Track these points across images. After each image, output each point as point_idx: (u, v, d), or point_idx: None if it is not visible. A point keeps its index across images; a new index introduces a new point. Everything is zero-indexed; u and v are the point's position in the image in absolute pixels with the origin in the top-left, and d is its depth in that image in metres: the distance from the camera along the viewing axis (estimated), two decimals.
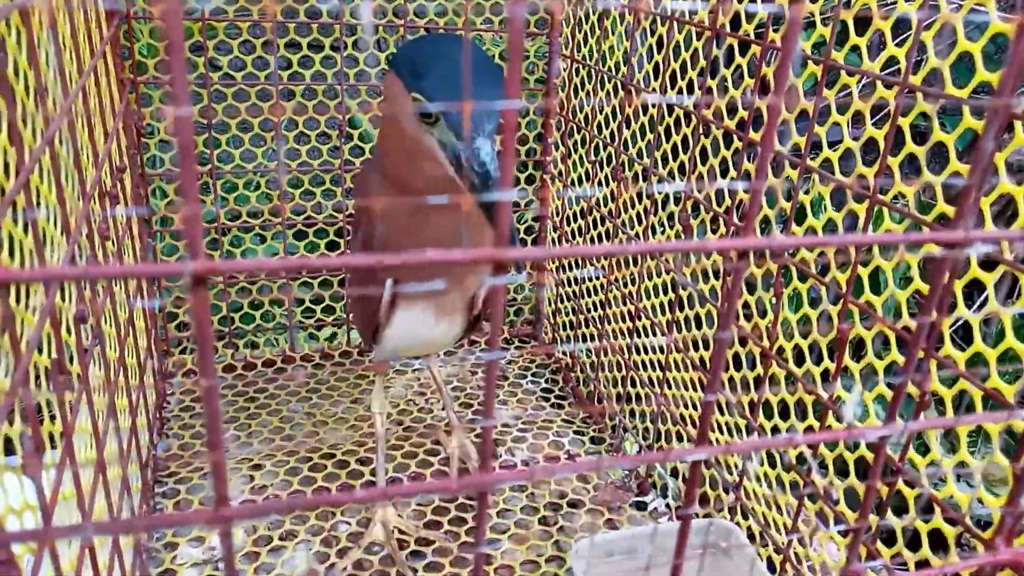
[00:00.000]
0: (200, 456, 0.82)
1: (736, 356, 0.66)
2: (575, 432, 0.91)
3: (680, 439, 0.79)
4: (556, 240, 1.04)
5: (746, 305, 0.64)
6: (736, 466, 0.68)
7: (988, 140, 0.20)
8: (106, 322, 0.63)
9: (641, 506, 0.81)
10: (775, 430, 0.62)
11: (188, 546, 0.71)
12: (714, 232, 0.76)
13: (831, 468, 0.55)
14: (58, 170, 0.44)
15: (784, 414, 0.62)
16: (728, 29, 0.63)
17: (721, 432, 0.71)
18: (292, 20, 0.87)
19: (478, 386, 0.99)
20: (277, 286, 0.98)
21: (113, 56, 0.80)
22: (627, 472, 0.84)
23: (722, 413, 0.70)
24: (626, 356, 0.84)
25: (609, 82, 0.84)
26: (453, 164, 0.46)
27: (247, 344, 1.00)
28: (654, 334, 0.80)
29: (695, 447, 0.24)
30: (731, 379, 0.67)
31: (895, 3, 0.47)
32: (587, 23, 0.88)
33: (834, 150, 0.53)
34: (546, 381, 1.01)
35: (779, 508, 0.62)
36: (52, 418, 0.47)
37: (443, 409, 0.91)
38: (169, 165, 0.89)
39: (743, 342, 0.64)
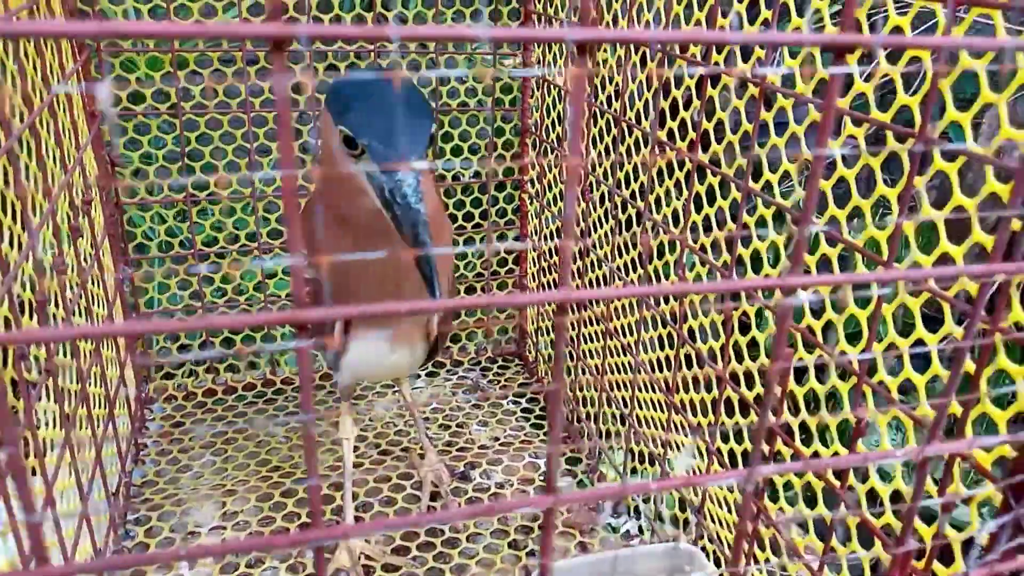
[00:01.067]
0: (175, 483, 0.83)
1: (695, 378, 0.66)
2: None
3: (652, 462, 0.78)
4: (536, 259, 1.04)
5: (701, 328, 0.63)
6: (698, 489, 0.67)
7: (810, 194, 0.20)
8: (65, 354, 0.64)
9: (614, 528, 0.80)
10: (731, 454, 0.61)
11: (156, 574, 0.72)
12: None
13: (781, 495, 0.55)
14: None
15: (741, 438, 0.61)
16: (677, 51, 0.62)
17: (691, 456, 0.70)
18: (262, 49, 0.88)
19: (457, 407, 0.99)
20: (256, 310, 0.99)
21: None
22: None
23: (686, 435, 0.69)
24: (599, 376, 0.84)
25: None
26: (379, 196, 0.46)
27: (228, 368, 1.00)
28: (625, 355, 0.80)
29: (541, 496, 0.23)
30: (691, 402, 0.67)
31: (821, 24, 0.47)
32: (562, 57, 0.89)
33: (774, 172, 0.52)
34: (527, 400, 1.01)
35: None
36: None
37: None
38: (144, 194, 0.90)
39: (700, 364, 0.64)
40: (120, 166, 0.88)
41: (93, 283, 0.75)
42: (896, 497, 0.44)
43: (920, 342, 0.43)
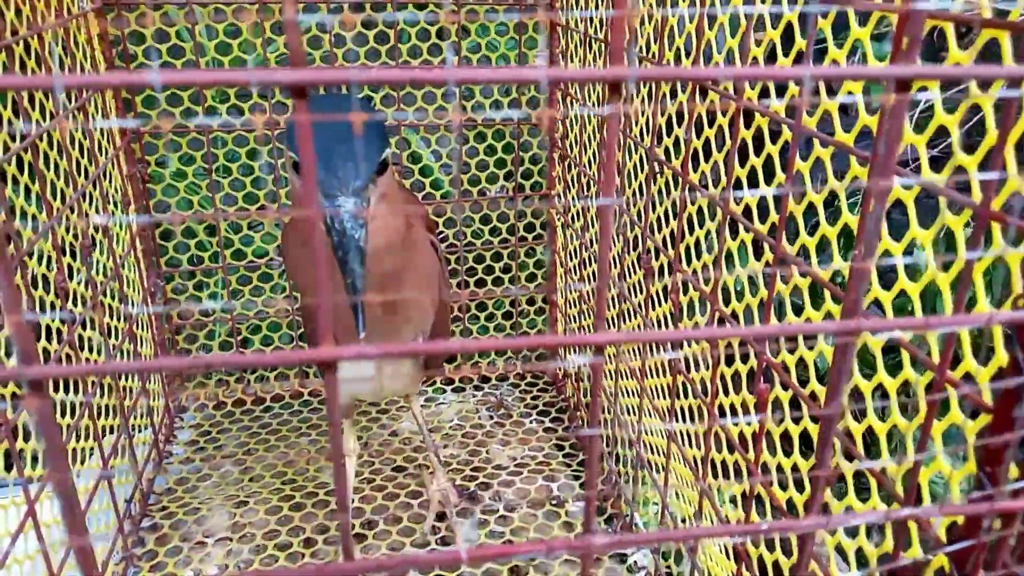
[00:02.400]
0: (193, 492, 0.85)
1: (690, 408, 0.63)
2: (568, 477, 0.88)
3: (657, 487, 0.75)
4: (564, 275, 1.02)
5: (694, 356, 0.60)
6: (691, 521, 0.63)
7: (604, 245, 0.17)
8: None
9: (622, 558, 0.77)
10: (725, 495, 0.58)
11: None
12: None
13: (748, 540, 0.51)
14: None
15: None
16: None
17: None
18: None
19: (479, 424, 0.98)
20: (286, 323, 1.00)
21: (116, 107, 0.85)
22: (609, 518, 0.81)
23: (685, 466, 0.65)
24: (612, 400, 0.81)
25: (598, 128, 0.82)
26: (322, 222, 0.46)
27: (258, 379, 1.02)
28: (631, 379, 0.77)
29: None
30: (687, 433, 0.63)
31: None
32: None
33: (738, 204, 0.49)
34: (550, 420, 0.99)
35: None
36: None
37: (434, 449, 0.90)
38: (175, 209, 0.93)
39: (695, 394, 0.60)
40: (152, 182, 0.91)
41: (112, 297, 0.77)
42: (860, 555, 0.40)
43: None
